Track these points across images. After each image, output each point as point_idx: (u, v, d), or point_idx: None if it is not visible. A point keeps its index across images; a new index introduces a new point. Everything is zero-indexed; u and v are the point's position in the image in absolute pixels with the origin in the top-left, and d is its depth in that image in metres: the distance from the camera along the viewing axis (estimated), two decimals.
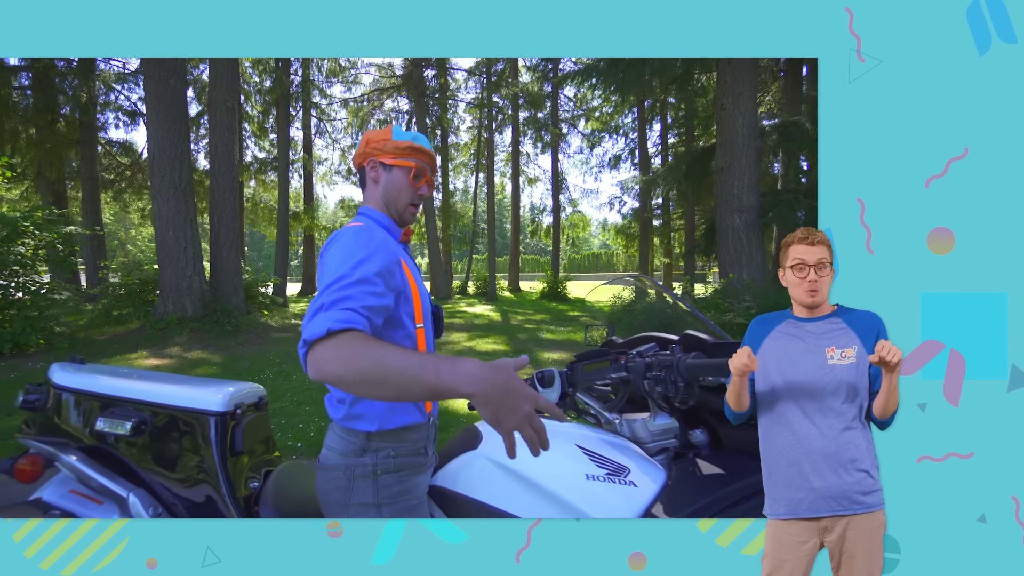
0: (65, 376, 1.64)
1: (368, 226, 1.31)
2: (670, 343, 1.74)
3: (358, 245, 1.21)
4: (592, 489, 1.39)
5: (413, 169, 1.45)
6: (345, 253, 1.18)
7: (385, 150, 1.44)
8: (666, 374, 1.56)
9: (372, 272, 1.16)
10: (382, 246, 1.24)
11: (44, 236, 7.63)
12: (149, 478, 1.51)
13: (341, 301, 1.08)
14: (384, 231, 1.40)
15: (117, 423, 1.52)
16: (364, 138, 1.47)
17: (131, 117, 16.22)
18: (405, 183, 1.45)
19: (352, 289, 1.11)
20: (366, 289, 1.12)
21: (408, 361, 0.97)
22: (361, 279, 1.13)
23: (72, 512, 1.48)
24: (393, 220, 1.47)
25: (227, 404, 1.50)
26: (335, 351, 1.00)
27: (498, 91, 20.03)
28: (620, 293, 9.93)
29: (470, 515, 1.42)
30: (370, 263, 1.17)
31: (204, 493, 1.47)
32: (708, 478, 1.50)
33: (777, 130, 10.86)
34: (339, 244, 1.22)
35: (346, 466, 1.31)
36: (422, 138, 1.47)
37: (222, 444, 1.48)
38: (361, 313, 1.08)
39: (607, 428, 1.72)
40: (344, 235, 1.25)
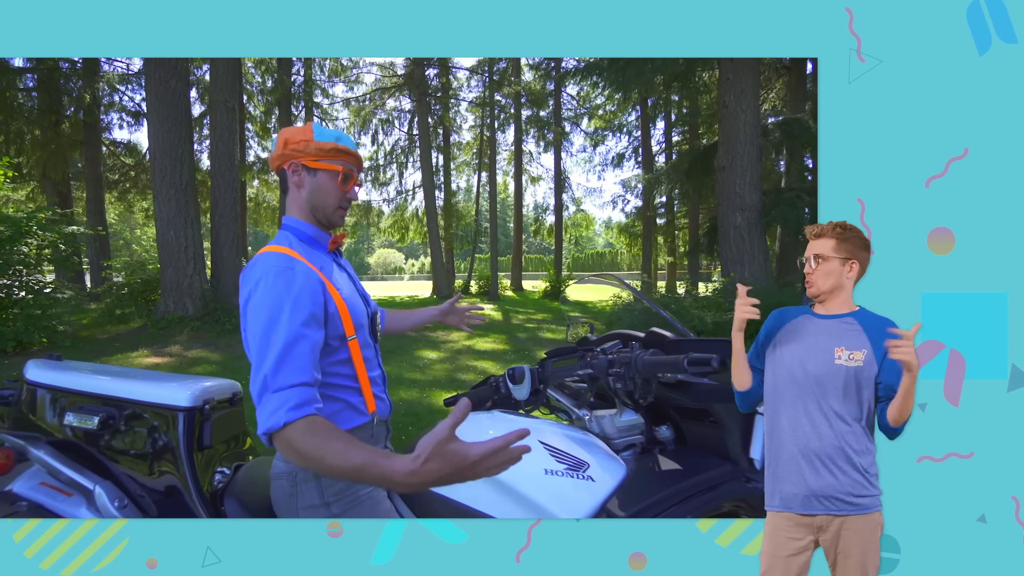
0: (39, 373, 1.68)
1: (283, 265, 1.21)
2: (631, 340, 1.76)
3: (277, 296, 1.17)
4: (550, 484, 1.40)
5: (340, 173, 1.35)
6: (267, 309, 1.16)
7: (307, 152, 1.33)
8: (625, 370, 1.59)
9: (299, 323, 1.16)
10: (302, 288, 1.19)
11: (47, 236, 7.67)
12: (117, 471, 1.54)
13: (282, 374, 1.11)
14: (308, 246, 1.35)
15: (85, 418, 1.55)
16: (281, 137, 1.36)
17: (135, 118, 16.25)
18: (332, 187, 1.36)
19: (287, 355, 1.13)
20: (299, 347, 1.15)
21: (354, 460, 1.03)
22: (290, 340, 1.14)
23: (41, 504, 1.52)
24: (319, 227, 1.38)
25: (195, 400, 1.51)
26: (285, 447, 1.09)
27: (500, 90, 20.00)
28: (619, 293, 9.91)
29: (428, 507, 1.43)
30: (294, 314, 1.16)
31: (170, 486, 1.49)
32: (665, 473, 1.53)
33: (780, 128, 10.82)
34: (259, 297, 1.17)
35: (289, 473, 1.30)
36: (346, 138, 1.38)
37: (189, 439, 1.49)
38: (306, 387, 1.13)
39: (578, 424, 1.74)
40: (261, 282, 1.18)
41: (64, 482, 1.54)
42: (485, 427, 1.59)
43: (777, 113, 14.59)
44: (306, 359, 1.15)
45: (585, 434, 1.62)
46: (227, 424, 1.62)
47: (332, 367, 1.29)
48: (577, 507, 1.39)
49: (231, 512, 1.47)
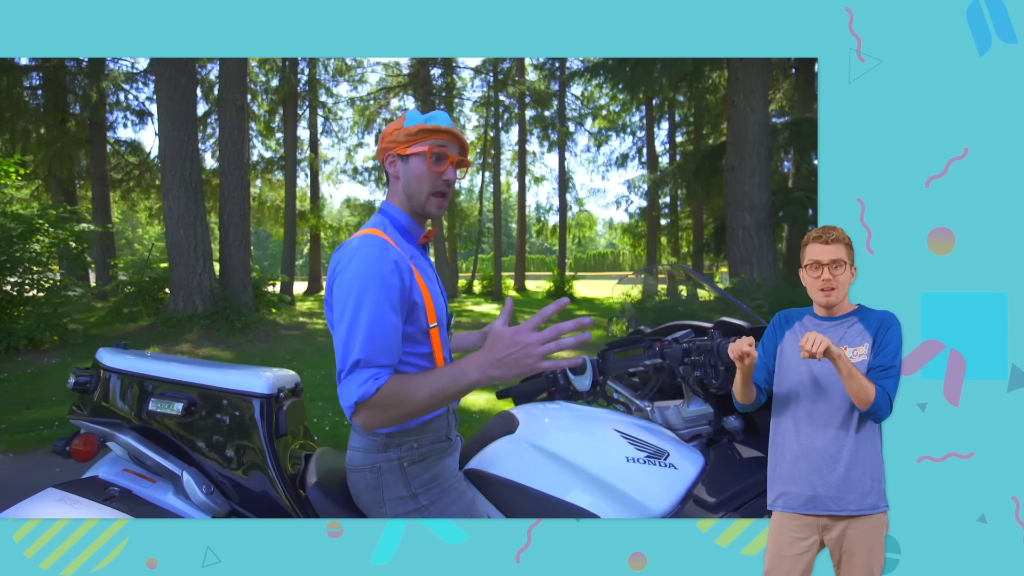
0: (115, 359, 1.66)
1: (376, 245, 1.22)
2: (706, 330, 1.74)
3: (368, 273, 1.19)
4: (633, 471, 1.40)
5: (428, 152, 1.31)
6: (356, 286, 1.19)
7: (398, 140, 1.32)
8: (705, 359, 1.57)
9: (387, 304, 1.19)
10: (392, 270, 1.21)
11: (58, 234, 7.71)
12: (198, 458, 1.53)
13: (365, 350, 1.17)
14: (400, 234, 1.35)
15: (168, 403, 1.54)
16: (382, 135, 1.38)
17: (139, 117, 16.32)
18: (423, 170, 1.32)
19: (375, 333, 1.18)
20: (385, 327, 1.19)
21: (432, 385, 1.18)
22: (378, 318, 1.18)
23: (129, 489, 1.52)
24: (413, 218, 1.37)
25: (272, 387, 1.52)
26: (374, 412, 1.18)
27: (504, 90, 20.00)
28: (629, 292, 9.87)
29: (510, 498, 1.44)
30: (381, 293, 1.19)
31: (253, 473, 1.49)
32: (747, 462, 1.51)
33: (788, 127, 10.78)
34: (351, 273, 1.19)
35: (372, 464, 1.32)
36: (438, 116, 1.33)
37: (268, 426, 1.49)
38: (384, 367, 1.19)
39: (638, 415, 1.72)
40: (356, 258, 1.20)
41: (150, 468, 1.54)
42: (555, 416, 1.61)
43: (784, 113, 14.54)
44: (390, 340, 1.20)
45: (653, 424, 1.62)
46: (296, 413, 1.63)
47: (415, 359, 1.32)
48: (662, 495, 1.40)
49: (315, 499, 1.48)
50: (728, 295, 1.95)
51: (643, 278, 2.78)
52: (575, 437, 1.51)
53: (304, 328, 10.42)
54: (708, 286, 2.18)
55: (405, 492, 1.31)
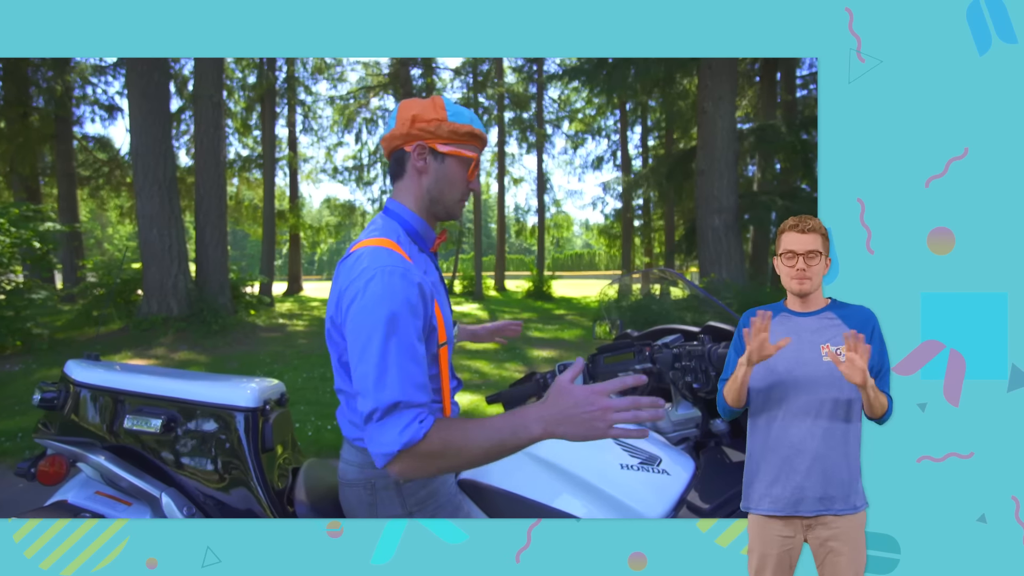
0: (85, 372, 1.57)
1: (399, 267, 1.07)
2: (695, 335, 1.74)
3: (394, 300, 1.03)
4: (627, 478, 1.39)
5: (473, 161, 1.20)
6: (384, 314, 1.03)
7: (439, 133, 1.16)
8: (696, 363, 1.57)
9: (416, 335, 1.06)
10: (418, 297, 1.07)
11: (20, 233, 7.40)
12: (179, 477, 1.46)
13: (403, 390, 1.02)
14: (412, 240, 1.21)
15: (145, 420, 1.46)
16: (406, 113, 1.17)
17: (108, 111, 15.85)
18: (461, 177, 1.20)
19: (409, 369, 1.03)
20: (417, 361, 1.05)
21: (489, 437, 1.03)
22: (410, 352, 1.04)
23: (101, 514, 1.44)
24: (429, 222, 1.23)
25: (257, 400, 1.45)
26: (418, 462, 1.03)
27: (484, 91, 19.99)
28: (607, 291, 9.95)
29: (505, 508, 1.40)
30: (412, 323, 1.05)
31: (238, 491, 1.43)
32: (737, 466, 1.49)
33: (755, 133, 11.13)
34: (372, 298, 1.03)
35: (366, 480, 1.23)
36: (478, 119, 1.22)
37: (253, 440, 1.43)
38: (423, 405, 1.04)
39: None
40: (375, 281, 1.04)
41: (124, 490, 1.46)
42: None
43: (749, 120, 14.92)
44: (423, 376, 1.06)
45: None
46: (283, 425, 1.55)
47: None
48: (657, 502, 1.37)
49: (301, 515, 1.42)
50: (716, 299, 1.95)
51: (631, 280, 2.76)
52: (568, 444, 1.48)
53: (284, 330, 10.25)
54: (695, 291, 2.18)
55: (400, 510, 1.24)
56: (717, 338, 1.66)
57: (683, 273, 16.66)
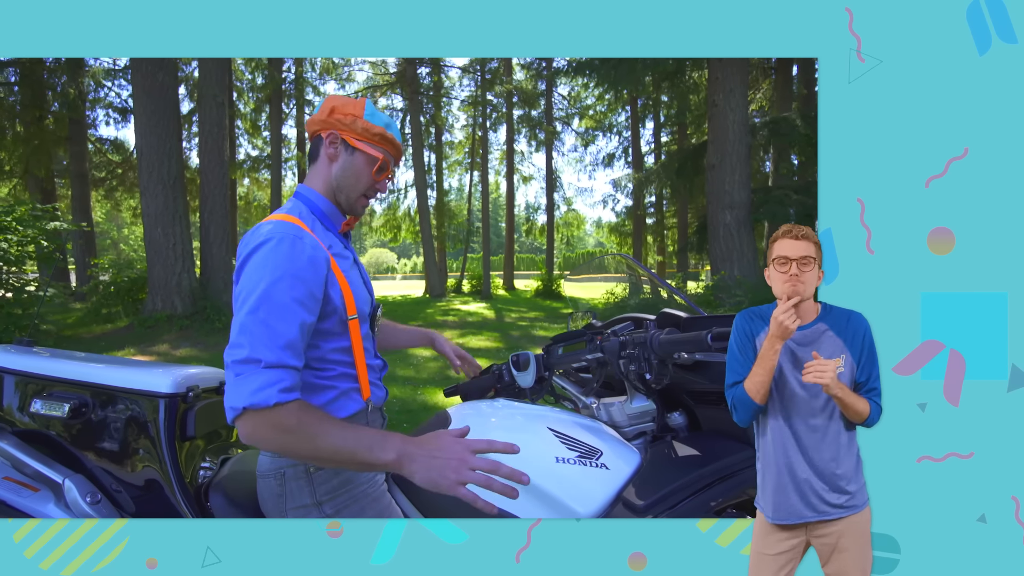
0: (5, 358, 1.55)
1: (289, 234, 1.12)
2: (644, 321, 1.68)
3: (278, 265, 1.08)
4: (561, 472, 1.34)
5: (379, 160, 1.28)
6: (265, 277, 1.07)
7: (352, 127, 1.24)
8: (639, 352, 1.51)
9: (296, 299, 1.08)
10: (307, 262, 1.11)
11: (28, 232, 7.51)
12: (90, 464, 1.43)
13: (276, 350, 1.04)
14: (319, 221, 1.26)
15: (54, 405, 1.44)
16: (328, 104, 1.27)
17: (121, 114, 16.07)
18: (366, 173, 1.28)
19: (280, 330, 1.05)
20: (293, 324, 1.07)
21: (342, 439, 1.03)
22: (286, 315, 1.06)
23: (4, 501, 1.41)
24: (337, 207, 1.30)
25: (177, 386, 1.41)
26: (265, 428, 1.02)
27: (492, 89, 19.99)
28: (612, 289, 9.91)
29: (430, 498, 1.37)
30: (293, 288, 1.08)
31: (149, 480, 1.39)
32: (683, 459, 1.46)
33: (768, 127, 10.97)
34: (257, 262, 1.09)
35: (277, 470, 1.22)
36: (395, 126, 1.30)
37: (170, 429, 1.39)
38: (296, 372, 1.07)
39: (585, 413, 1.67)
40: (264, 246, 1.10)
41: (30, 476, 1.43)
42: (487, 415, 1.53)
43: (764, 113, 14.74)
44: (298, 340, 1.08)
45: (595, 422, 1.56)
46: (213, 414, 1.51)
47: (332, 354, 1.23)
48: (592, 497, 1.33)
49: (217, 509, 1.38)
50: (669, 285, 1.89)
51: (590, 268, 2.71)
52: (503, 436, 1.46)
53: None
54: (648, 275, 2.13)
55: (309, 500, 1.22)
56: (665, 325, 1.59)
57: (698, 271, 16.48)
